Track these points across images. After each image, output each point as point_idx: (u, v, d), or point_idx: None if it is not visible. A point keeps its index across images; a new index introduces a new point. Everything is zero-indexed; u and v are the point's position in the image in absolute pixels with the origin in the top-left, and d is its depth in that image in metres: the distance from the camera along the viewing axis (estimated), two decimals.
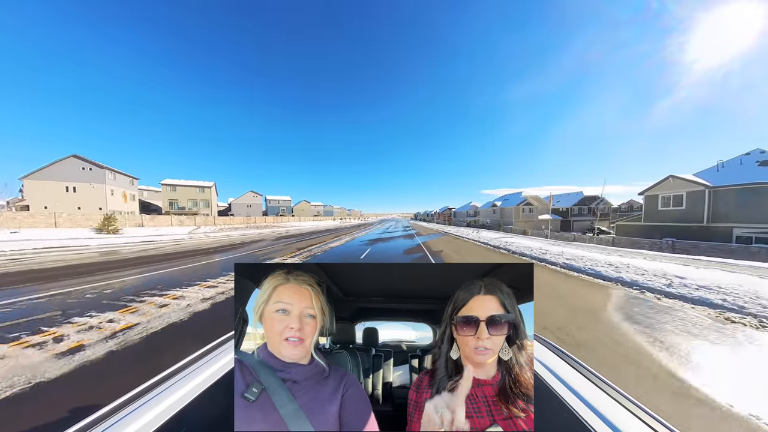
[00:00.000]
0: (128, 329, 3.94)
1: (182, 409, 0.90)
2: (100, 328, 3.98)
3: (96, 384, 2.70)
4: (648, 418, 0.87)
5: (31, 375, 2.78)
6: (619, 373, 2.95)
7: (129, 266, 9.03)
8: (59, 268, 8.73)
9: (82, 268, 8.60)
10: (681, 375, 2.87)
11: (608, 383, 1.05)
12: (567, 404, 0.92)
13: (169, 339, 3.69)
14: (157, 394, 0.98)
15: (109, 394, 2.43)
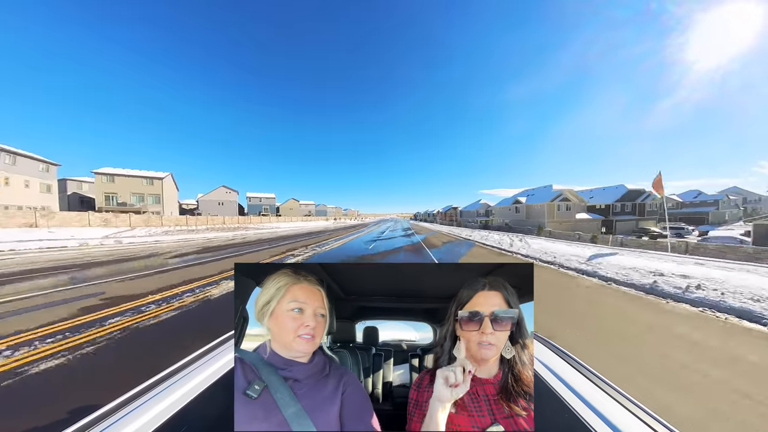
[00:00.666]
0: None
1: (182, 408, 0.90)
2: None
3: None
4: (648, 418, 0.87)
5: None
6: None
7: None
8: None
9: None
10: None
11: (608, 383, 1.05)
12: (567, 404, 0.92)
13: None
14: (158, 393, 0.98)
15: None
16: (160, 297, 5.64)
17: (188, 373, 1.10)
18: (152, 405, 0.92)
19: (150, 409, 0.90)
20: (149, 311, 4.84)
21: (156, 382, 1.05)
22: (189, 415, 0.89)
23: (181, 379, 1.06)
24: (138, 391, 1.00)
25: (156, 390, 1.01)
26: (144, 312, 4.78)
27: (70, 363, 3.13)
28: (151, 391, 1.00)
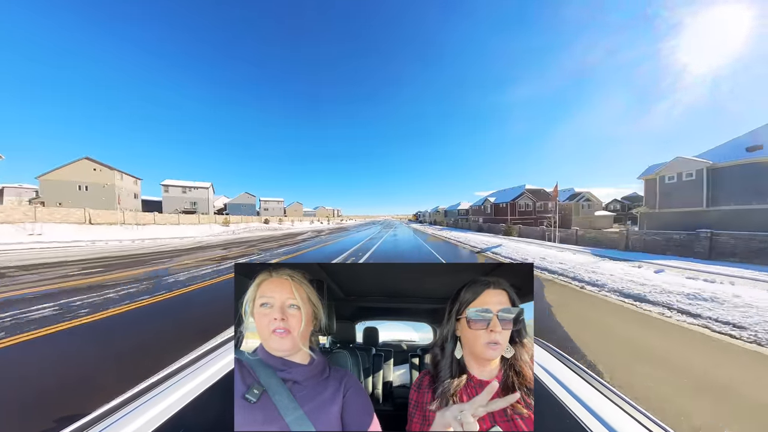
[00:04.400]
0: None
1: (180, 410, 0.90)
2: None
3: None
4: (647, 421, 0.86)
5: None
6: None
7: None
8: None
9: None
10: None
11: (608, 386, 1.03)
12: (567, 407, 0.91)
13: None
14: (156, 394, 0.98)
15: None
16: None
17: (187, 375, 1.10)
18: (150, 406, 0.92)
19: (148, 410, 0.90)
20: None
21: (155, 383, 1.05)
22: (187, 417, 0.89)
23: (179, 381, 1.06)
24: (136, 392, 1.00)
25: (155, 391, 1.00)
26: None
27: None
28: (149, 392, 1.00)
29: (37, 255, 12.34)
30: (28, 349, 3.50)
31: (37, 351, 3.48)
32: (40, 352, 3.47)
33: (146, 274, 8.21)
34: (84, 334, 3.99)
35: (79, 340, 3.81)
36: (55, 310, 4.88)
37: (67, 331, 4.04)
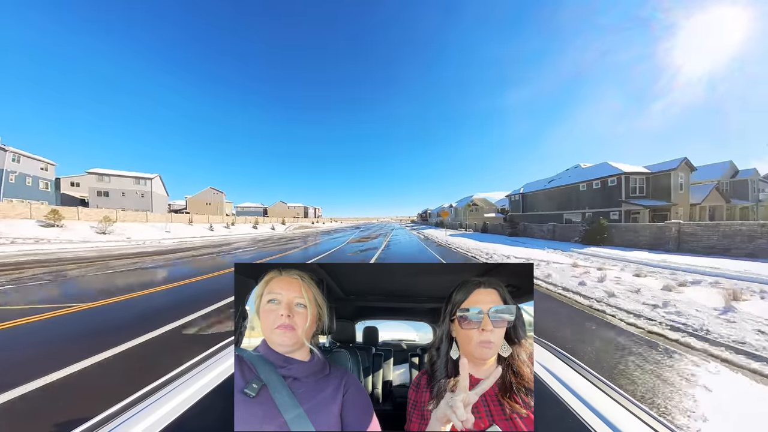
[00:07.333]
0: None
1: (181, 415, 0.90)
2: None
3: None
4: (649, 418, 0.86)
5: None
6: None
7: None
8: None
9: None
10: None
11: (609, 384, 1.03)
12: (567, 406, 0.91)
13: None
14: (157, 399, 0.98)
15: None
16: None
17: (188, 379, 1.10)
18: (151, 411, 0.91)
19: (149, 414, 0.89)
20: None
21: (156, 388, 1.05)
22: (188, 421, 0.88)
23: (181, 385, 1.05)
24: (137, 397, 1.00)
25: (156, 396, 1.00)
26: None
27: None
28: (150, 396, 1.00)
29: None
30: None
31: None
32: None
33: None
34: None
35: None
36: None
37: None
